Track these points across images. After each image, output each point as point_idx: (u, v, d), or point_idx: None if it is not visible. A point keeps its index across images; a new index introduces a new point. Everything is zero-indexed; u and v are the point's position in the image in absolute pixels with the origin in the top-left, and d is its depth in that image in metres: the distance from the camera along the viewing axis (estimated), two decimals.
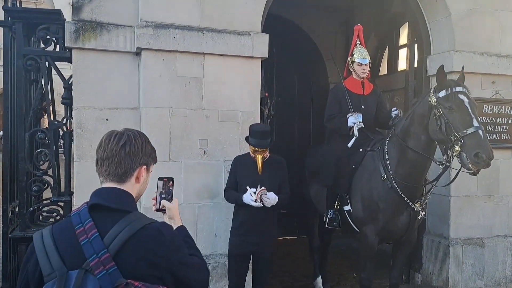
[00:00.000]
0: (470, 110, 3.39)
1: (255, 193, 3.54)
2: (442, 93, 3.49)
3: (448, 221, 5.07)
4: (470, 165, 3.29)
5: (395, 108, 4.12)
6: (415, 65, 5.55)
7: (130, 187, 1.61)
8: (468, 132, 3.28)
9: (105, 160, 1.58)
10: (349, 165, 4.07)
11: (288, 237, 7.25)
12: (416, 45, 5.58)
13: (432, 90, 3.62)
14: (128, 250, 1.45)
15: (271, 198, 3.54)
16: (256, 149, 3.64)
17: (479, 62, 5.08)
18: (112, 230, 1.46)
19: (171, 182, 1.92)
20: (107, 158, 1.58)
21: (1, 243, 4.24)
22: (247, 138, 3.74)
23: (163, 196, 1.91)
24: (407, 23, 5.89)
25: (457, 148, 3.30)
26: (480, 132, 3.30)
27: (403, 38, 6.58)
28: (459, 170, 3.55)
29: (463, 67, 3.92)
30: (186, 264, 1.58)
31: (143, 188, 1.70)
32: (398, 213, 3.89)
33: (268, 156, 3.75)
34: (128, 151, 1.59)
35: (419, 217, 3.97)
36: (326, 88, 6.86)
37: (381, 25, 6.96)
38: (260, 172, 3.62)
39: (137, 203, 1.70)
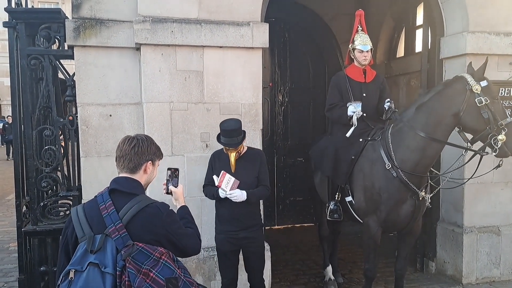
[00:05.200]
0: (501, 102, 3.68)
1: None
2: (483, 83, 3.58)
3: (462, 209, 4.97)
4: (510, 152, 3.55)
5: (388, 100, 4.01)
6: (429, 47, 5.37)
7: (139, 176, 2.21)
8: (508, 121, 3.50)
9: (121, 158, 2.19)
10: (348, 156, 4.02)
11: (305, 224, 7.29)
12: (429, 26, 5.38)
13: (468, 78, 3.63)
14: (135, 221, 2.02)
15: (237, 195, 3.45)
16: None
17: (495, 43, 4.87)
18: (125, 207, 2.05)
19: (177, 171, 2.59)
20: (122, 156, 2.19)
21: (17, 237, 4.43)
22: (218, 136, 3.63)
23: (170, 182, 2.57)
24: (422, 2, 5.68)
25: (502, 137, 3.46)
26: None
27: (420, 18, 6.36)
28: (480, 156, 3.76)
29: (487, 58, 3.85)
30: (178, 233, 2.15)
31: (150, 177, 2.30)
32: (401, 203, 3.85)
33: (245, 150, 3.67)
34: (136, 151, 2.19)
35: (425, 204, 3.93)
36: None
37: (397, 4, 6.75)
38: (233, 170, 3.54)
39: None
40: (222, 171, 3.50)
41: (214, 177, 3.54)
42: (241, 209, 3.54)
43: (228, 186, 3.47)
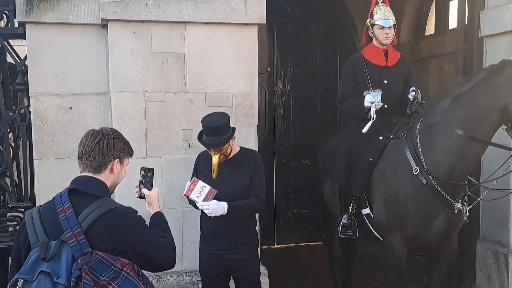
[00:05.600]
0: None
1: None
2: None
3: (508, 224, 4.96)
4: None
5: (413, 88, 4.04)
6: (466, 23, 5.40)
7: (104, 177, 2.33)
8: None
9: (83, 155, 2.31)
10: (365, 158, 4.04)
11: (312, 243, 7.30)
12: None
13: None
14: (97, 227, 2.12)
15: (212, 208, 3.36)
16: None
17: None
18: (86, 210, 2.15)
19: (151, 172, 2.69)
20: (85, 153, 2.30)
21: None
22: (200, 134, 3.60)
23: (143, 185, 2.66)
24: None
25: None
26: None
27: None
28: None
29: None
30: (147, 242, 2.27)
31: (118, 178, 2.43)
32: (433, 216, 3.87)
33: (237, 151, 3.66)
34: (101, 147, 2.29)
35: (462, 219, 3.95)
36: None
37: None
38: (214, 177, 3.49)
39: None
40: (193, 178, 3.48)
41: (188, 183, 3.48)
42: (230, 224, 3.50)
43: (201, 196, 3.39)
